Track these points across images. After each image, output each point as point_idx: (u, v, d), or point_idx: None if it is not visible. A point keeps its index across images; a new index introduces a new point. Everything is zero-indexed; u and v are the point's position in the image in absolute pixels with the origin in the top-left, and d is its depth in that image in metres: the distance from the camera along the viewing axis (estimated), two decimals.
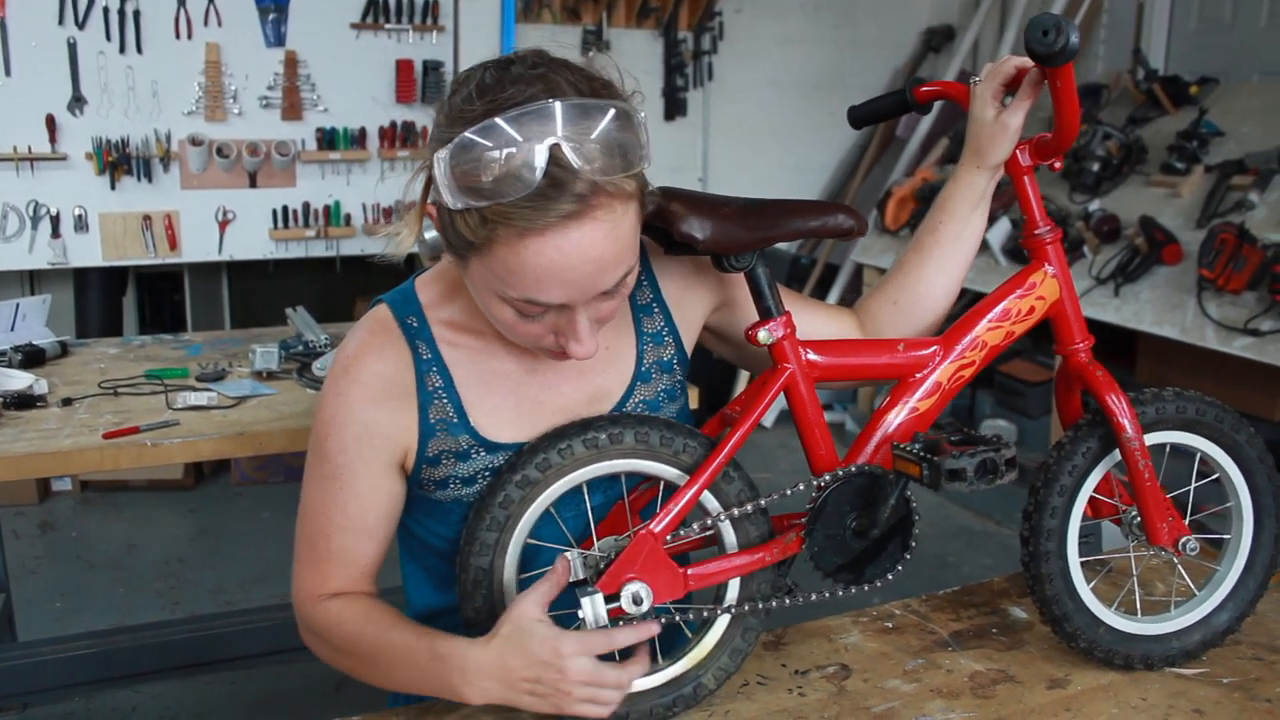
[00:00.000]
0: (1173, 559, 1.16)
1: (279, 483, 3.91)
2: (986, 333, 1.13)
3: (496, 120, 0.89)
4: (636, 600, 1.01)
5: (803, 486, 1.08)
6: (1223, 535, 1.20)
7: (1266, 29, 3.99)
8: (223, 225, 3.77)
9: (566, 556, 1.02)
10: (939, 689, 1.12)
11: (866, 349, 1.13)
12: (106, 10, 3.49)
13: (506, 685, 0.97)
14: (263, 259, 3.88)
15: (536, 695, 0.97)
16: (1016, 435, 3.97)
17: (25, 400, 1.89)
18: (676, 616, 1.06)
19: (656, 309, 1.17)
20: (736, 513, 1.06)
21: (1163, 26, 4.33)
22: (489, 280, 0.95)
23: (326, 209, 3.87)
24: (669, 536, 1.03)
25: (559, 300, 0.94)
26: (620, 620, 1.01)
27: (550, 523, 1.06)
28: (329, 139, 3.82)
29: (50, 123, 3.48)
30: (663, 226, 1.03)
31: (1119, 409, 1.09)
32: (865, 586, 1.10)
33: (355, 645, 1.05)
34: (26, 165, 3.49)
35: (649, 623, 1.01)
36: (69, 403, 1.92)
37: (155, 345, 2.39)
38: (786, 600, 1.10)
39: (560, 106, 0.89)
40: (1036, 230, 1.12)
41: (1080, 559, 1.14)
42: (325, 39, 3.77)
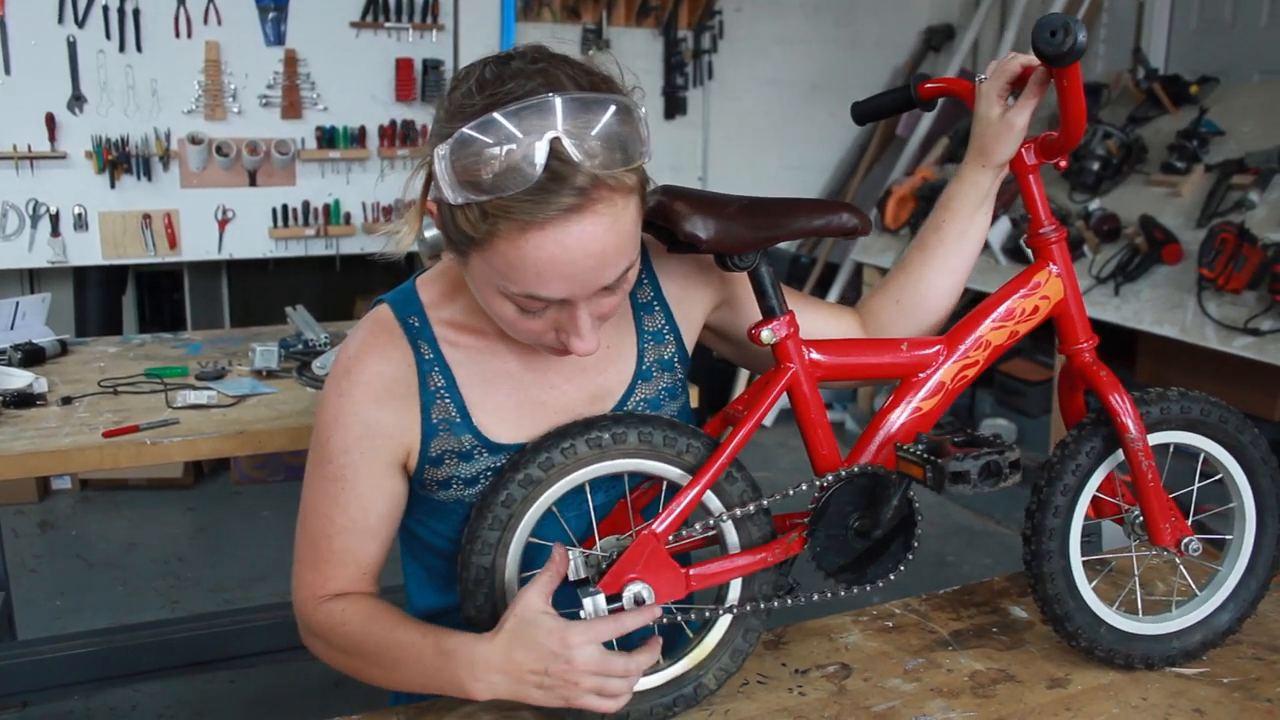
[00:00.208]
0: (1174, 559, 1.16)
1: (279, 481, 3.90)
2: (990, 332, 1.12)
3: (496, 115, 0.88)
4: (638, 600, 1.01)
5: (805, 486, 1.07)
6: (1224, 536, 1.20)
7: (1267, 28, 3.99)
8: (222, 224, 3.77)
9: (563, 546, 1.02)
10: (939, 688, 1.12)
11: (870, 348, 1.13)
12: (106, 9, 3.48)
13: (514, 679, 0.96)
14: (262, 258, 3.87)
15: (544, 688, 0.96)
16: (1016, 434, 3.97)
17: (25, 399, 1.89)
18: (678, 616, 1.06)
19: (657, 307, 1.16)
20: (739, 513, 1.06)
21: (1163, 26, 4.33)
22: (490, 276, 0.95)
23: (326, 208, 3.87)
24: (671, 536, 1.03)
25: (560, 295, 0.94)
26: None
27: (552, 522, 1.06)
28: (329, 138, 3.82)
29: (50, 121, 3.48)
30: (666, 225, 1.03)
31: (1123, 409, 1.08)
32: (867, 587, 1.10)
33: (359, 645, 1.05)
34: (26, 164, 3.48)
35: (652, 606, 1.00)
36: (69, 401, 1.92)
37: (155, 344, 2.39)
38: (788, 600, 1.10)
39: (560, 101, 0.88)
40: (1041, 229, 1.12)
41: (1082, 558, 1.13)
42: (325, 38, 3.76)
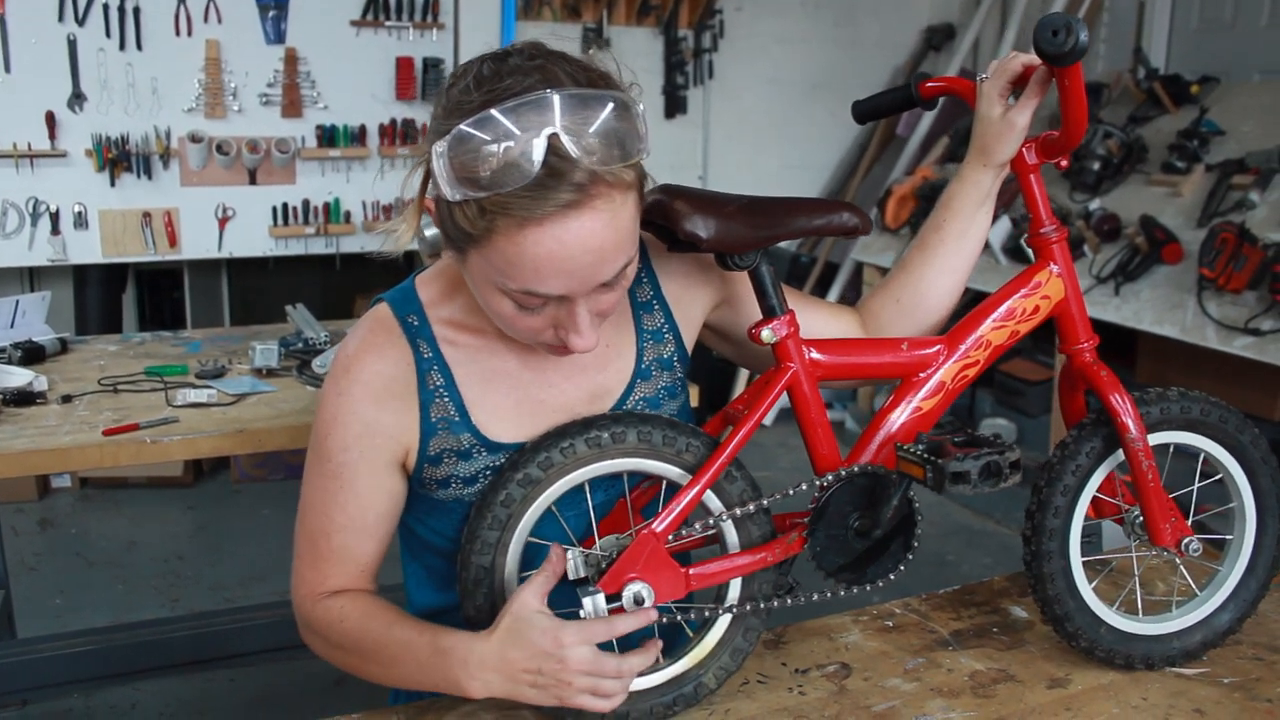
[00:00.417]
0: (1175, 559, 1.16)
1: (278, 480, 3.90)
2: (991, 332, 1.12)
3: (494, 111, 0.88)
4: (638, 600, 1.01)
5: (805, 486, 1.07)
6: (1224, 536, 1.20)
7: (1267, 28, 3.98)
8: (222, 222, 3.76)
9: (560, 546, 1.01)
10: (939, 688, 1.12)
11: (870, 348, 1.12)
12: (106, 7, 3.47)
13: (508, 677, 0.96)
14: (262, 256, 3.87)
15: (538, 687, 0.96)
16: (1016, 434, 3.97)
17: (25, 397, 1.89)
18: (678, 616, 1.06)
19: (657, 306, 1.16)
20: (739, 512, 1.06)
21: (1163, 25, 4.32)
22: (488, 273, 0.95)
23: (326, 206, 3.87)
24: (671, 536, 1.03)
25: (559, 291, 0.94)
26: None
27: (552, 521, 1.06)
28: (329, 136, 3.81)
29: (50, 119, 3.47)
30: (666, 224, 1.03)
31: (1123, 409, 1.08)
32: (867, 586, 1.10)
33: (357, 642, 1.05)
34: (26, 162, 3.48)
35: (647, 609, 1.00)
36: (69, 400, 1.92)
37: (155, 342, 2.39)
38: (788, 600, 1.10)
39: (558, 97, 0.88)
40: (1042, 229, 1.12)
41: (1082, 559, 1.13)
42: (325, 36, 3.76)
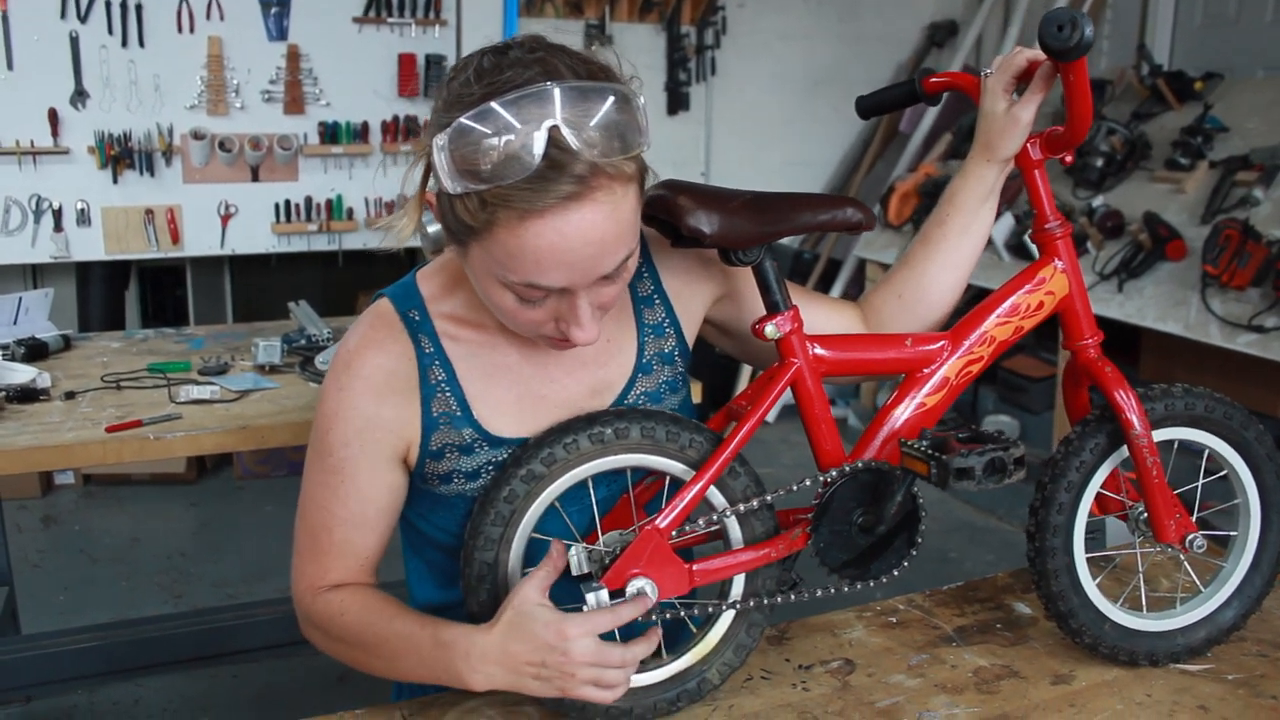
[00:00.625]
0: (1179, 556, 1.16)
1: (281, 476, 3.91)
2: (995, 328, 1.12)
3: (494, 104, 0.88)
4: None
5: (809, 482, 1.07)
6: (1229, 532, 1.20)
7: (1271, 24, 3.97)
8: (225, 219, 3.77)
9: (561, 541, 1.01)
10: (943, 684, 1.12)
11: (874, 343, 1.12)
12: (109, 4, 3.47)
13: (511, 670, 0.96)
14: (265, 253, 3.88)
15: (541, 679, 0.96)
16: (1019, 431, 3.96)
17: (28, 394, 1.89)
18: (682, 612, 1.06)
19: (658, 300, 1.16)
20: (742, 508, 1.06)
21: (1167, 22, 4.31)
22: (489, 265, 0.95)
23: (329, 203, 3.87)
24: (674, 532, 1.03)
25: (560, 284, 0.94)
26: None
27: (555, 517, 1.06)
28: (331, 133, 3.81)
29: (52, 116, 3.47)
30: (669, 220, 1.02)
31: (1127, 405, 1.08)
32: (871, 582, 1.10)
33: (358, 636, 1.05)
34: (29, 159, 3.48)
35: (646, 597, 1.00)
36: (72, 396, 1.92)
37: (158, 339, 2.40)
38: (791, 596, 1.09)
39: (558, 89, 0.88)
40: (1046, 225, 1.12)
41: (1086, 555, 1.13)
42: (327, 33, 3.76)
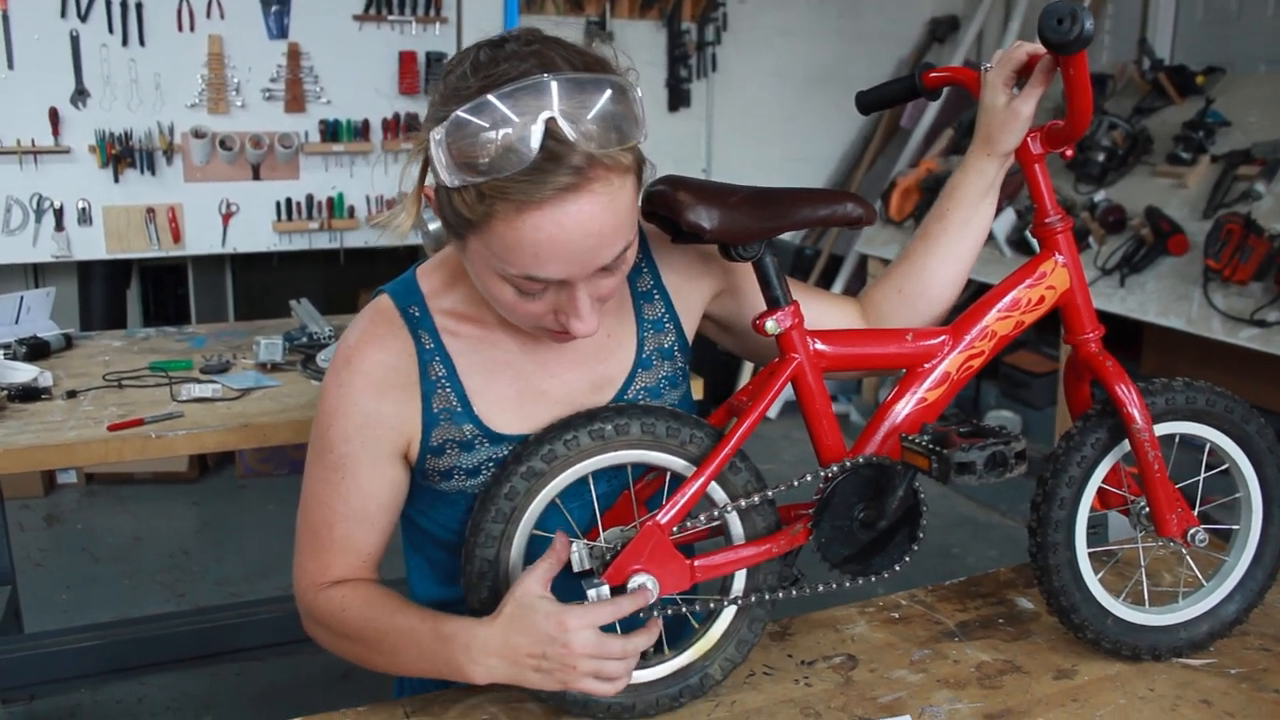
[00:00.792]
0: (1181, 550, 1.15)
1: (283, 475, 3.91)
2: (996, 322, 1.12)
3: (491, 97, 0.88)
4: None
5: (810, 477, 1.07)
6: (1231, 526, 1.20)
7: (1273, 19, 3.96)
8: (226, 218, 3.77)
9: (564, 534, 1.01)
10: (945, 679, 1.12)
11: (875, 338, 1.12)
12: (109, 3, 3.47)
13: (512, 662, 0.96)
14: (266, 251, 3.88)
15: (542, 671, 0.96)
16: (1021, 426, 3.96)
17: (30, 393, 1.89)
18: (683, 608, 1.06)
19: (657, 295, 1.16)
20: (744, 504, 1.06)
21: (1169, 16, 4.30)
22: (488, 258, 0.95)
23: (330, 201, 3.87)
24: (675, 528, 1.03)
25: (559, 276, 0.94)
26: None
27: (556, 513, 1.06)
28: (332, 131, 3.81)
29: (53, 115, 3.47)
30: (669, 215, 1.02)
31: (1129, 399, 1.08)
32: (872, 578, 1.10)
33: (360, 631, 1.05)
34: (30, 158, 3.48)
35: (646, 590, 1.00)
36: (73, 395, 1.92)
37: (159, 338, 2.40)
38: (793, 591, 1.09)
39: (554, 81, 0.89)
40: (1047, 219, 1.11)
41: (1088, 550, 1.13)
42: (328, 31, 3.76)
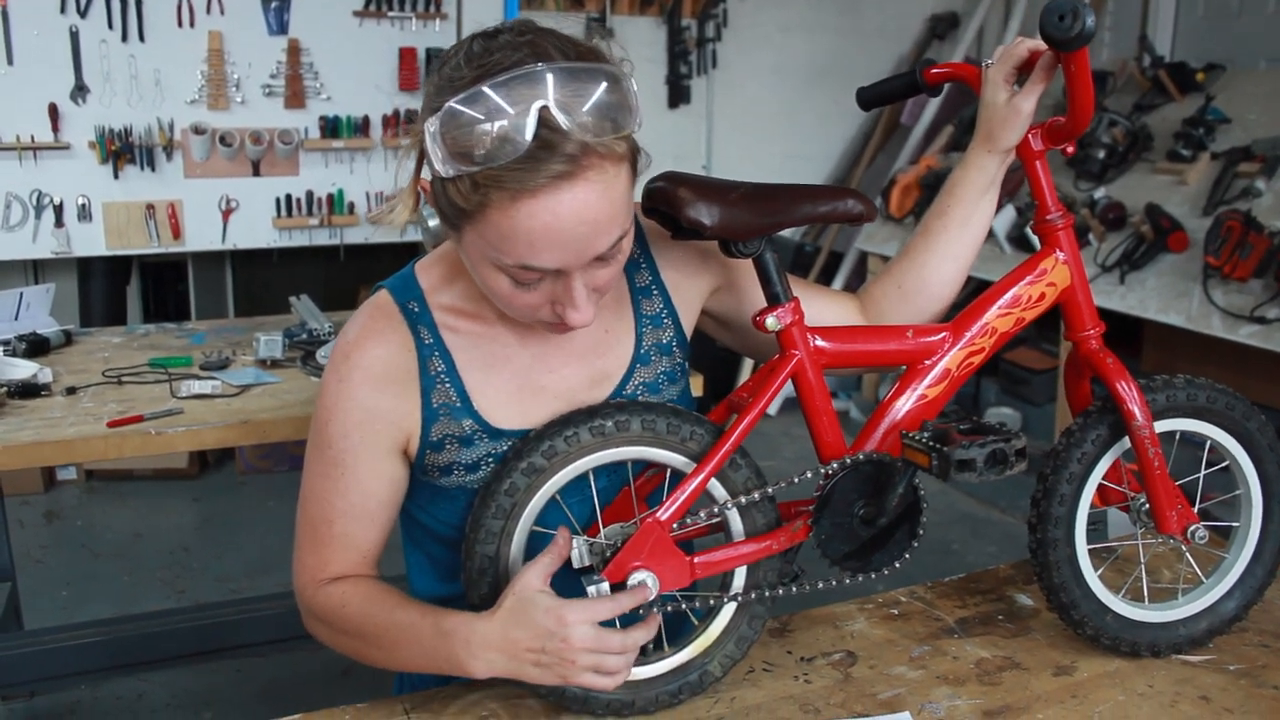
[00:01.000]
0: (1180, 547, 1.15)
1: (283, 471, 3.91)
2: (996, 319, 1.12)
3: (484, 87, 0.89)
4: None
5: (810, 474, 1.07)
6: (1230, 523, 1.20)
7: (1273, 16, 3.96)
8: (226, 214, 3.77)
9: (566, 529, 1.02)
10: (945, 676, 1.12)
11: (875, 335, 1.12)
12: None
13: (511, 657, 0.96)
14: (266, 248, 3.88)
15: (541, 666, 0.96)
16: (1021, 423, 3.96)
17: (30, 389, 1.89)
18: (683, 604, 1.06)
19: (655, 291, 1.16)
20: (744, 500, 1.06)
21: (1169, 13, 4.30)
22: (483, 248, 0.95)
23: (330, 197, 3.87)
24: (675, 524, 1.03)
25: (554, 265, 0.94)
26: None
27: (556, 510, 1.06)
28: (332, 127, 3.81)
29: (53, 112, 3.47)
30: (669, 212, 1.02)
31: (1129, 396, 1.08)
32: (872, 574, 1.10)
33: (359, 627, 1.05)
34: (29, 154, 3.48)
35: (645, 587, 1.00)
36: (73, 391, 1.92)
37: (159, 334, 2.40)
38: (793, 588, 1.09)
39: (548, 70, 0.89)
40: (1048, 216, 1.11)
41: (1088, 546, 1.13)
42: (328, 27, 3.75)
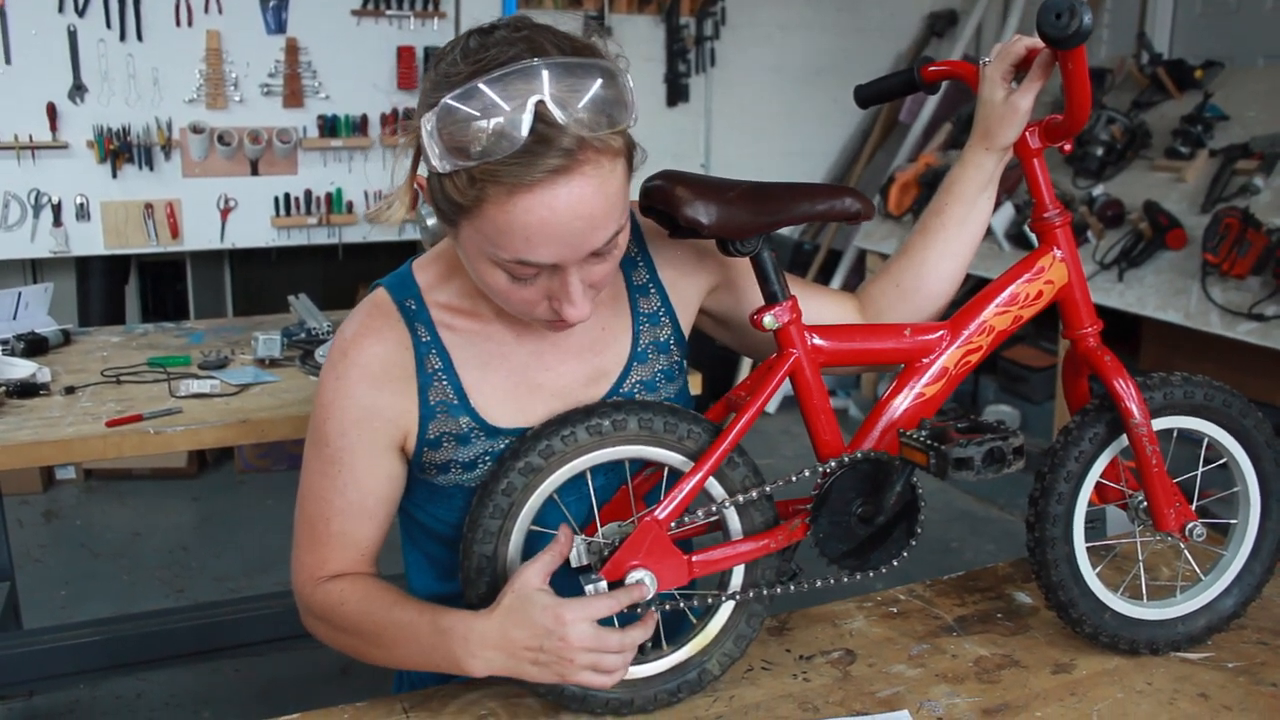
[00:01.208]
0: (1179, 544, 1.16)
1: (282, 470, 3.91)
2: (994, 317, 1.12)
3: (480, 83, 0.89)
4: None
5: (808, 473, 1.07)
6: (1228, 520, 1.20)
7: (1271, 12, 3.96)
8: (224, 213, 3.76)
9: (567, 527, 1.02)
10: (944, 674, 1.12)
11: (873, 333, 1.12)
12: None
13: (509, 655, 0.96)
14: (265, 247, 3.87)
15: (540, 664, 0.96)
16: (1019, 421, 3.96)
17: (28, 389, 1.89)
18: (681, 603, 1.06)
19: (653, 289, 1.16)
20: (741, 499, 1.06)
21: (1167, 10, 4.30)
22: (480, 244, 0.95)
23: (328, 196, 3.87)
24: (673, 523, 1.03)
25: (550, 259, 0.94)
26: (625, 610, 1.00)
27: (553, 508, 1.06)
28: (330, 126, 3.81)
29: (51, 111, 3.47)
30: (667, 210, 1.02)
31: (1127, 394, 1.08)
32: (871, 573, 1.10)
33: (358, 625, 1.05)
34: (28, 154, 3.48)
35: (642, 584, 1.00)
36: (72, 391, 1.92)
37: (158, 333, 2.40)
38: (791, 586, 1.09)
39: (543, 65, 0.89)
40: (1045, 213, 1.11)
41: (1086, 544, 1.13)
42: (326, 26, 3.75)
